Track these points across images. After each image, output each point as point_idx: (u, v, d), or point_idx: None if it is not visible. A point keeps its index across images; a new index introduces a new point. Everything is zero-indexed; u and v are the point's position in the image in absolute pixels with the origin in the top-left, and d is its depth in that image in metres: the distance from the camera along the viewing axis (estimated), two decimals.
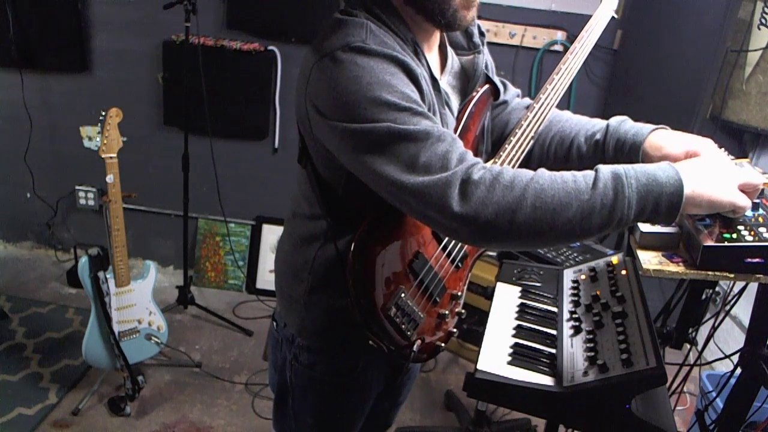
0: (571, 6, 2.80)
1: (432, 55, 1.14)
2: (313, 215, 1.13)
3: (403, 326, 1.06)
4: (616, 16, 1.34)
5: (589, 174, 0.88)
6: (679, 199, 0.86)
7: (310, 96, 0.98)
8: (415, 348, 1.08)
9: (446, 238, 1.15)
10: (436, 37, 1.14)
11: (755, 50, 2.35)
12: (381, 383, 1.29)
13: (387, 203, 0.96)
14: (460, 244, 1.18)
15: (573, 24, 2.82)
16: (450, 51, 1.19)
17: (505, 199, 0.85)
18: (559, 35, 2.83)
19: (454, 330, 1.21)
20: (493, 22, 2.81)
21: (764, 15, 2.31)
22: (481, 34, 1.22)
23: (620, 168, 0.88)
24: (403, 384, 1.43)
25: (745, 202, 0.90)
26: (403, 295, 1.06)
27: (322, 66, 0.95)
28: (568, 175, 0.87)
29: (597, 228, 0.86)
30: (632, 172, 0.87)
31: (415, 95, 0.95)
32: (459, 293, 1.20)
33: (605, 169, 0.87)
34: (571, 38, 2.82)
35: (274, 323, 1.28)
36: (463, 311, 1.22)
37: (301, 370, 1.22)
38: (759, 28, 2.34)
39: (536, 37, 2.84)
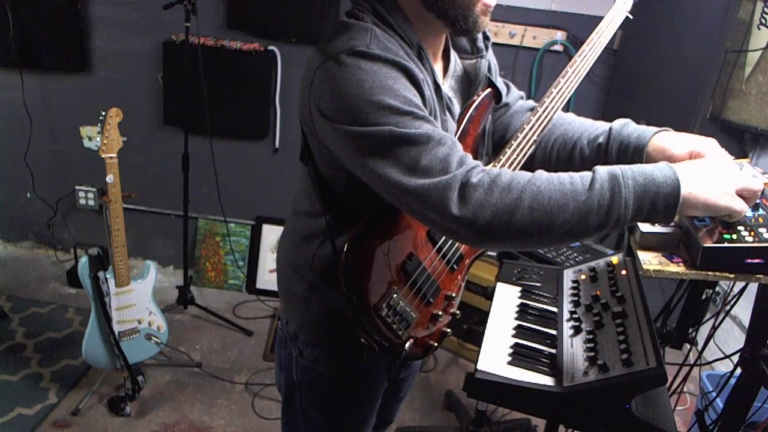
0: (571, 6, 2.80)
1: (436, 60, 1.14)
2: (314, 212, 1.14)
3: (394, 326, 1.07)
4: (630, 17, 1.27)
5: (587, 175, 0.88)
6: (676, 200, 0.86)
7: (313, 97, 0.98)
8: (406, 346, 1.09)
9: (441, 240, 1.16)
10: (442, 41, 1.14)
11: (755, 50, 2.35)
12: (384, 379, 1.29)
13: (386, 203, 0.97)
14: (455, 246, 1.19)
15: (573, 24, 2.82)
16: (453, 55, 1.19)
17: (502, 202, 0.86)
18: (559, 35, 2.83)
19: (448, 330, 1.21)
20: (493, 22, 2.76)
21: (764, 15, 2.31)
22: (486, 38, 1.22)
23: (617, 168, 0.88)
24: (404, 379, 1.44)
25: (741, 207, 0.90)
26: (395, 295, 1.07)
27: (326, 69, 0.95)
28: (565, 177, 0.88)
29: (594, 228, 0.87)
30: (629, 172, 0.87)
31: (417, 99, 0.96)
32: (454, 294, 1.20)
33: (602, 170, 0.88)
34: (572, 38, 2.82)
35: (279, 322, 1.29)
36: (457, 312, 1.23)
37: (306, 365, 1.22)
38: (759, 28, 2.34)
39: (536, 37, 2.84)
